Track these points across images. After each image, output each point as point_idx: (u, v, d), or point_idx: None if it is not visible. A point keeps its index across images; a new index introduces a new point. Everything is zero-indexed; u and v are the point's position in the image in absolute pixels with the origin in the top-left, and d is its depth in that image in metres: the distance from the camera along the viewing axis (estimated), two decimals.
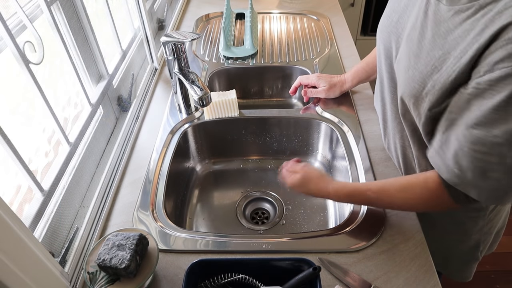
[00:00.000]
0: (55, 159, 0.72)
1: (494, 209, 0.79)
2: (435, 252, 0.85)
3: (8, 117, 0.62)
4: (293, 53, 1.26)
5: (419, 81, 0.61)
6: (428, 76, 0.59)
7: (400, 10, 0.69)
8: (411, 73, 0.63)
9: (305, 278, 0.57)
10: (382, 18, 0.76)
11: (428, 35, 0.60)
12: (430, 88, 0.59)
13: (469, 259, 0.89)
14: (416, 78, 0.62)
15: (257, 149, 1.09)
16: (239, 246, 0.71)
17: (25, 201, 0.64)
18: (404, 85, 0.65)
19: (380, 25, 0.76)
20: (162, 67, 1.22)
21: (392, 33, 0.71)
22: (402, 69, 0.66)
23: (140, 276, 0.60)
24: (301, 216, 0.95)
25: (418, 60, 0.61)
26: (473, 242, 0.85)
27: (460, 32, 0.55)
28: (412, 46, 0.63)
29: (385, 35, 0.73)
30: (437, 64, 0.58)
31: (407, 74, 0.64)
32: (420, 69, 0.61)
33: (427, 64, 0.59)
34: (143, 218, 0.76)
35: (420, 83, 0.61)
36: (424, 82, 0.60)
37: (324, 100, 1.04)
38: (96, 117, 0.85)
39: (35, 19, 0.67)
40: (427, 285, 0.64)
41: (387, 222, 0.74)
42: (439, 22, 0.58)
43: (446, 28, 0.57)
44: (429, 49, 0.59)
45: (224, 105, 1.00)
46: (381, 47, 0.75)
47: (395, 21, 0.70)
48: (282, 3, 1.59)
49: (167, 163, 0.88)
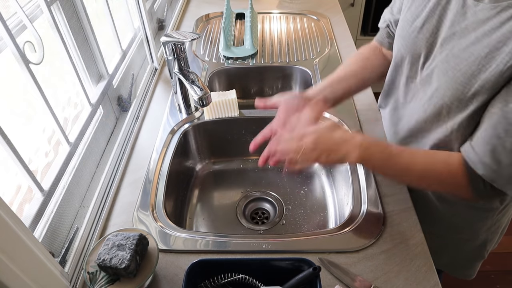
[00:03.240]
0: (55, 159, 0.72)
1: (503, 209, 0.79)
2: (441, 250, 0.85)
3: (8, 117, 0.62)
4: (293, 53, 1.26)
5: (463, 82, 0.60)
6: (474, 76, 0.58)
7: (425, 15, 0.67)
8: (451, 74, 0.61)
9: (305, 278, 0.57)
10: (402, 24, 0.74)
11: (470, 36, 0.59)
12: (479, 88, 0.58)
13: (475, 257, 0.90)
14: (459, 80, 0.60)
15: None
16: (239, 246, 0.71)
17: (25, 201, 0.64)
18: (445, 89, 0.63)
19: (401, 31, 0.73)
20: (162, 67, 1.22)
21: (419, 39, 0.69)
22: (440, 73, 0.64)
23: (140, 276, 0.60)
24: (301, 216, 0.95)
25: (460, 61, 0.60)
26: (480, 241, 0.85)
27: (510, 27, 0.54)
28: (452, 48, 0.62)
29: (408, 42, 0.71)
30: (484, 63, 0.57)
31: (446, 76, 0.62)
32: (463, 70, 0.59)
33: (472, 64, 0.58)
34: (143, 218, 0.76)
35: (465, 84, 0.59)
36: (469, 83, 0.59)
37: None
38: (96, 117, 0.85)
39: (35, 19, 0.67)
40: (427, 285, 0.64)
41: (387, 222, 0.74)
42: (482, 22, 0.58)
43: (491, 26, 0.56)
44: (473, 50, 0.58)
45: (224, 105, 1.00)
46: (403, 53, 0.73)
47: (419, 27, 0.68)
48: (282, 3, 1.59)
49: (167, 163, 0.88)
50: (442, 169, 0.64)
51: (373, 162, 0.67)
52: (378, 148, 0.66)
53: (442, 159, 0.65)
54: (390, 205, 0.77)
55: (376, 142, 0.67)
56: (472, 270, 0.93)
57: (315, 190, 1.01)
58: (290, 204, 0.98)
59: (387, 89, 0.85)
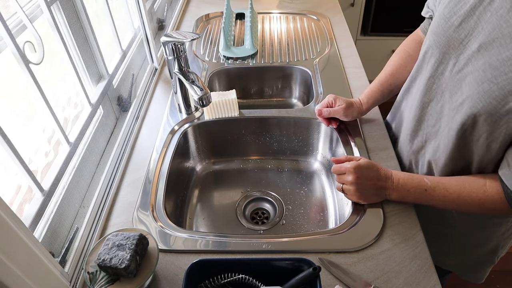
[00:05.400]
0: (55, 159, 0.72)
1: None
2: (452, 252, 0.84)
3: (8, 117, 0.62)
4: (293, 53, 1.26)
5: (498, 97, 0.57)
6: (511, 93, 0.55)
7: (463, 13, 0.64)
8: (487, 86, 0.58)
9: (305, 278, 0.57)
10: (437, 19, 0.70)
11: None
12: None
13: (485, 262, 0.88)
14: (494, 94, 0.57)
15: (257, 149, 1.09)
16: (239, 246, 0.71)
17: (25, 201, 0.64)
18: (476, 100, 0.60)
19: (436, 27, 0.70)
20: (162, 67, 1.22)
21: (453, 38, 0.65)
22: (474, 81, 0.61)
23: (140, 276, 0.60)
24: (301, 216, 0.95)
25: (498, 74, 0.57)
26: (492, 247, 0.84)
27: None
28: (490, 57, 0.58)
29: (442, 39, 0.68)
30: None
31: (481, 87, 0.59)
32: (501, 85, 0.56)
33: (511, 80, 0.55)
34: (143, 218, 0.76)
35: (500, 100, 0.57)
36: (505, 99, 0.56)
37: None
38: (96, 117, 0.85)
39: (35, 19, 0.67)
40: (427, 285, 0.64)
41: (387, 222, 0.74)
42: None
43: None
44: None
45: (224, 105, 1.00)
46: (435, 51, 0.70)
47: (455, 25, 0.65)
48: (282, 3, 1.59)
49: (167, 163, 0.88)
50: (479, 198, 0.64)
51: (409, 199, 0.73)
52: (413, 183, 0.71)
53: (477, 187, 0.65)
54: (390, 205, 0.77)
55: (411, 177, 0.72)
56: (481, 274, 0.91)
57: (315, 190, 1.01)
58: (290, 204, 0.98)
59: (409, 84, 0.83)
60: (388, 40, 2.22)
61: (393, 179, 0.73)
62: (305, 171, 1.06)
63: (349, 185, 0.74)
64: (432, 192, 0.69)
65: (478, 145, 0.65)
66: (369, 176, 0.73)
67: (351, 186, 0.73)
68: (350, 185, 0.73)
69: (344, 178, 0.74)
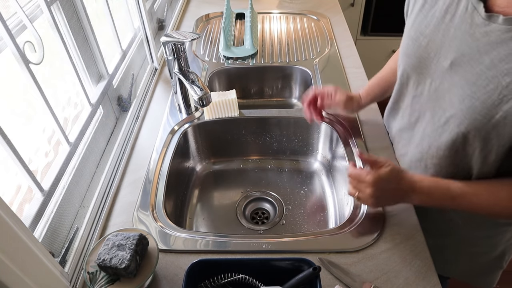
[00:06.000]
0: (55, 159, 0.72)
1: None
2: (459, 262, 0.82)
3: (8, 117, 0.62)
4: (293, 53, 1.26)
5: (482, 112, 0.56)
6: (494, 106, 0.54)
7: (429, 33, 0.64)
8: (469, 103, 0.58)
9: (305, 278, 0.57)
10: (405, 41, 0.71)
11: (485, 61, 0.55)
12: (500, 119, 0.54)
13: (494, 267, 0.88)
14: (477, 109, 0.57)
15: (257, 149, 1.09)
16: (239, 246, 0.71)
17: (25, 201, 0.64)
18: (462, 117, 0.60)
19: (405, 49, 0.70)
20: (162, 67, 1.22)
21: (423, 58, 0.66)
22: (455, 98, 0.60)
23: (140, 276, 0.60)
24: (301, 216, 0.95)
25: (477, 89, 0.56)
26: (499, 253, 0.83)
27: None
28: (464, 73, 0.58)
29: (414, 61, 0.68)
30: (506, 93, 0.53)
31: (463, 104, 0.59)
32: (482, 99, 0.56)
33: (492, 93, 0.54)
34: (143, 218, 0.76)
35: (485, 114, 0.56)
36: (489, 113, 0.55)
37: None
38: (96, 117, 0.85)
39: (35, 19, 0.67)
40: (427, 285, 0.64)
41: (387, 222, 0.74)
42: (496, 44, 0.54)
43: (508, 50, 0.52)
44: (490, 76, 0.54)
45: (224, 105, 1.00)
46: (411, 73, 0.70)
47: (424, 45, 0.65)
48: (282, 3, 1.59)
49: (167, 163, 0.88)
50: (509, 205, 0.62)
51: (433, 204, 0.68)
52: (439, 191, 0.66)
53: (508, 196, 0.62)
54: None
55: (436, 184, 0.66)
56: (490, 279, 0.90)
57: (315, 190, 1.01)
58: (290, 204, 0.98)
59: (392, 106, 0.83)
60: (388, 40, 2.22)
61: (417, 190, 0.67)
62: (305, 171, 1.06)
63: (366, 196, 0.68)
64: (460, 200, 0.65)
65: (474, 158, 0.64)
66: (389, 188, 0.67)
67: (368, 198, 0.67)
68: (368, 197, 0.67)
69: (362, 188, 0.68)
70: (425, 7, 0.66)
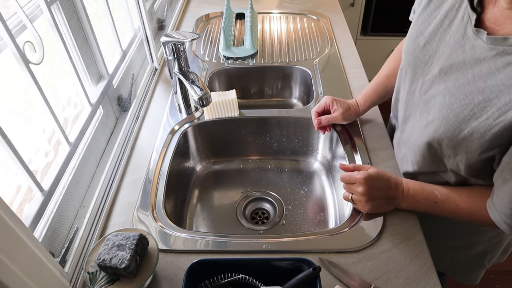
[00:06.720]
0: (55, 159, 0.72)
1: None
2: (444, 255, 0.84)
3: (8, 117, 0.62)
4: (293, 53, 1.26)
5: (454, 124, 0.57)
6: (465, 121, 0.56)
7: (427, 34, 0.64)
8: (445, 113, 0.59)
9: (305, 278, 0.57)
10: (407, 38, 0.72)
11: (468, 75, 0.56)
12: (468, 135, 0.56)
13: (475, 265, 0.89)
14: (451, 121, 0.58)
15: (257, 149, 1.09)
16: (239, 246, 0.71)
17: (25, 201, 0.64)
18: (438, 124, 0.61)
19: (406, 46, 0.72)
20: (162, 67, 1.22)
21: (419, 59, 0.66)
22: (436, 105, 0.62)
23: (140, 276, 0.60)
24: (301, 216, 0.95)
25: (454, 101, 0.57)
26: (480, 250, 0.84)
27: (504, 78, 0.50)
28: (449, 83, 0.59)
29: (411, 59, 0.69)
30: (476, 111, 0.54)
31: (440, 113, 0.60)
32: (456, 112, 0.57)
33: (465, 108, 0.55)
34: (143, 218, 0.76)
35: (456, 127, 0.57)
36: (460, 127, 0.57)
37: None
38: (96, 117, 0.85)
39: (35, 19, 0.67)
40: (427, 285, 0.64)
41: (387, 222, 0.74)
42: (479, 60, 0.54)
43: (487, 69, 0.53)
44: (468, 92, 0.55)
45: (224, 105, 1.00)
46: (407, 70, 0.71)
47: (421, 46, 0.66)
48: (282, 3, 1.59)
49: (167, 163, 0.88)
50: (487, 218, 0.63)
51: (418, 209, 0.72)
52: (423, 194, 0.70)
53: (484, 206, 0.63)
54: None
55: (421, 187, 0.70)
56: (473, 277, 0.92)
57: (315, 190, 1.01)
58: (290, 204, 0.98)
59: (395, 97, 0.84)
60: (388, 40, 2.22)
61: (403, 188, 0.71)
62: (305, 171, 1.06)
63: (359, 196, 0.72)
64: (442, 205, 0.68)
65: (450, 163, 0.66)
66: (379, 186, 0.71)
67: (361, 197, 0.71)
68: (361, 196, 0.71)
69: (354, 188, 0.72)
70: (430, 6, 0.66)
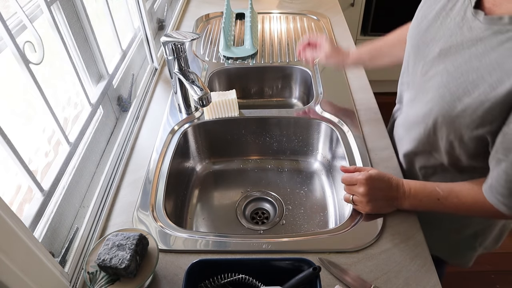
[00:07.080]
0: (55, 159, 0.72)
1: None
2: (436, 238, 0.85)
3: (8, 117, 0.62)
4: (293, 53, 1.26)
5: (449, 101, 0.59)
6: (459, 98, 0.57)
7: (430, 18, 0.66)
8: (442, 92, 0.60)
9: (305, 278, 0.57)
10: (413, 21, 0.73)
11: (465, 55, 0.57)
12: (461, 112, 0.57)
13: (466, 247, 0.90)
14: (446, 98, 0.59)
15: (257, 149, 1.09)
16: (239, 246, 0.71)
17: (25, 201, 0.64)
18: (434, 102, 0.63)
19: (410, 30, 0.73)
20: (162, 67, 1.22)
21: (421, 41, 0.68)
22: (435, 85, 0.63)
23: (140, 276, 0.60)
24: (301, 216, 0.95)
25: (451, 80, 0.59)
26: (471, 233, 0.85)
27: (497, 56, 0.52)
28: (447, 63, 0.60)
29: (414, 42, 0.71)
30: (470, 88, 0.55)
31: (437, 92, 0.62)
32: (452, 90, 0.58)
33: (459, 85, 0.57)
34: (143, 218, 0.76)
35: (450, 104, 0.59)
36: (454, 104, 0.58)
37: (325, 100, 1.04)
38: (96, 117, 0.85)
39: (35, 19, 0.67)
40: (427, 285, 0.64)
41: (387, 222, 0.74)
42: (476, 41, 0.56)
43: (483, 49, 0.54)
44: (463, 70, 0.57)
45: (224, 105, 1.00)
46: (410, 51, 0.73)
47: (424, 30, 0.67)
48: (282, 3, 1.59)
49: (167, 163, 0.88)
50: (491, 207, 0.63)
51: (421, 208, 0.72)
52: (425, 192, 0.70)
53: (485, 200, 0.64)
54: None
55: (423, 186, 0.71)
56: (465, 259, 0.92)
57: (315, 190, 1.01)
58: (290, 204, 0.98)
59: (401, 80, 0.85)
60: None
61: (405, 188, 0.71)
62: (305, 171, 1.06)
63: (360, 197, 0.72)
64: (444, 201, 0.68)
65: (443, 143, 0.67)
66: (380, 187, 0.71)
67: (362, 198, 0.71)
68: (362, 197, 0.71)
69: (355, 189, 0.72)
70: None
